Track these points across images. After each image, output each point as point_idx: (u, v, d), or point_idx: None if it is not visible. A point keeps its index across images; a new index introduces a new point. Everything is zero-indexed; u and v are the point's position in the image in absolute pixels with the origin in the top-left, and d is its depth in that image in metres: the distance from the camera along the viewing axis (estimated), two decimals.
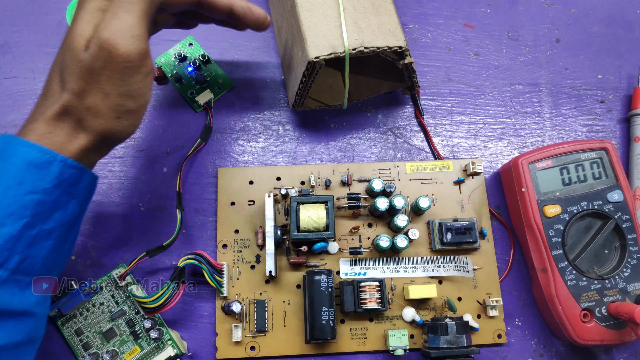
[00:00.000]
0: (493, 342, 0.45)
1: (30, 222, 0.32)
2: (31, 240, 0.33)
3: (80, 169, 0.34)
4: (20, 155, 0.32)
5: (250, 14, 0.41)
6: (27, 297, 0.33)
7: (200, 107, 0.50)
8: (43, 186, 0.32)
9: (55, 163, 0.33)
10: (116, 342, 0.44)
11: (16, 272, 0.32)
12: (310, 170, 0.48)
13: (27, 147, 0.32)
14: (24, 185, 0.32)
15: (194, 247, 0.47)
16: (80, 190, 0.35)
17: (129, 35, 0.32)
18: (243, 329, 0.44)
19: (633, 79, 0.54)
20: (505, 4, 0.56)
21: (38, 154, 0.32)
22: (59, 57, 0.35)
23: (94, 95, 0.33)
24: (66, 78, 0.33)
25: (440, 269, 0.46)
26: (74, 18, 0.34)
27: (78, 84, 0.33)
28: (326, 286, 0.43)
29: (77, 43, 0.32)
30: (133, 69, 0.33)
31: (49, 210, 0.33)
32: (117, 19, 0.32)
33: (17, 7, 0.53)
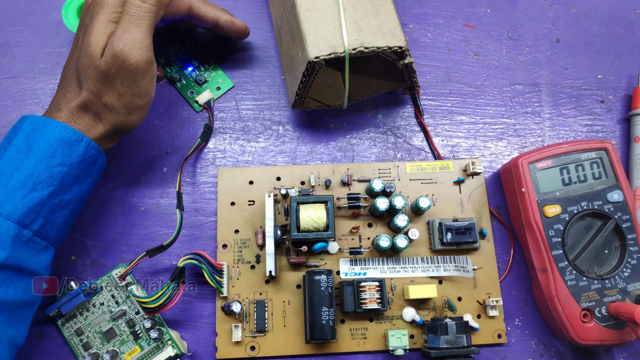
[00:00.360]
0: (493, 342, 0.45)
1: (56, 190, 0.38)
2: (53, 207, 0.38)
3: (99, 150, 0.41)
4: (53, 132, 0.38)
5: (233, 26, 0.49)
6: (42, 260, 0.38)
7: (201, 107, 0.50)
8: (70, 161, 0.39)
9: (82, 143, 0.39)
10: (116, 342, 0.44)
11: (38, 234, 0.38)
12: (310, 170, 0.48)
13: (60, 127, 0.38)
14: (55, 158, 0.38)
15: (194, 247, 0.47)
16: (96, 169, 0.41)
17: (139, 47, 0.38)
18: (243, 329, 0.44)
19: (633, 79, 0.54)
20: (505, 4, 0.56)
21: (69, 133, 0.38)
22: (73, 59, 0.41)
23: (110, 95, 0.39)
24: (84, 79, 0.39)
25: (440, 269, 0.46)
26: (89, 28, 0.39)
27: (96, 86, 0.39)
28: (326, 286, 0.43)
29: (94, 51, 0.38)
30: (142, 74, 0.39)
31: (71, 183, 0.39)
32: (129, 32, 0.38)
33: (17, 7, 0.53)
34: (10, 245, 0.36)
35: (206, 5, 0.46)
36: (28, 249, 0.37)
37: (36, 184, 0.37)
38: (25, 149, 0.38)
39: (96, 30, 0.39)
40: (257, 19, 0.54)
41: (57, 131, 0.38)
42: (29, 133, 0.38)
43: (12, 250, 0.36)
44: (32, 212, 0.37)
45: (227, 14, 0.48)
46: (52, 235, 0.39)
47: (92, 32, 0.39)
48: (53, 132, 0.38)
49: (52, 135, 0.38)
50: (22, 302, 0.37)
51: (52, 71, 0.51)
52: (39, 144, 0.38)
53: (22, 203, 0.36)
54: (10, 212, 0.36)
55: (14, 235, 0.36)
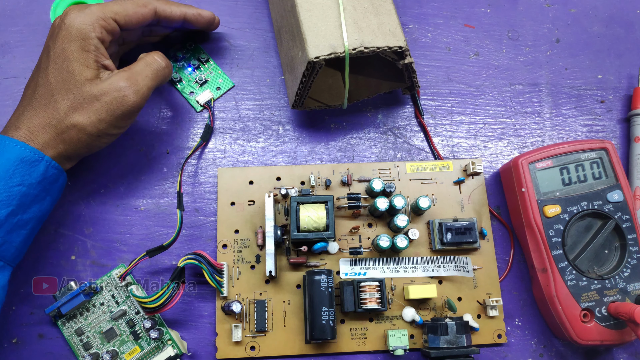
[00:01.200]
0: (493, 342, 0.45)
1: (14, 210, 0.38)
2: (11, 227, 0.38)
3: (60, 170, 0.41)
4: (12, 152, 0.38)
5: (201, 18, 0.49)
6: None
7: (201, 107, 0.50)
8: (29, 181, 0.38)
9: (43, 162, 0.39)
10: (116, 342, 0.44)
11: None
12: (310, 170, 0.48)
13: (19, 146, 0.38)
14: (14, 178, 0.37)
15: (194, 247, 0.47)
16: (56, 188, 0.41)
17: (142, 93, 0.41)
18: (243, 329, 0.44)
19: (633, 79, 0.54)
20: (505, 4, 0.56)
21: (29, 152, 0.38)
22: (36, 79, 0.41)
23: (86, 116, 0.40)
24: (57, 99, 0.40)
25: (440, 269, 0.46)
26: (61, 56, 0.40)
27: (73, 104, 0.40)
28: (326, 286, 0.43)
29: (79, 78, 0.40)
30: (131, 113, 0.42)
31: (30, 203, 0.39)
32: (143, 79, 0.42)
33: (17, 7, 0.53)
34: None
35: (170, 5, 0.47)
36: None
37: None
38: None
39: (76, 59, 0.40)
40: (257, 19, 0.54)
41: (16, 150, 0.38)
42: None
43: None
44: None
45: (192, 7, 0.48)
46: (10, 255, 0.38)
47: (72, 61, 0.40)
48: (12, 151, 0.38)
49: (11, 154, 0.38)
50: None
51: None
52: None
53: None
54: None
55: None
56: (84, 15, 0.41)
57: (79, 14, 0.41)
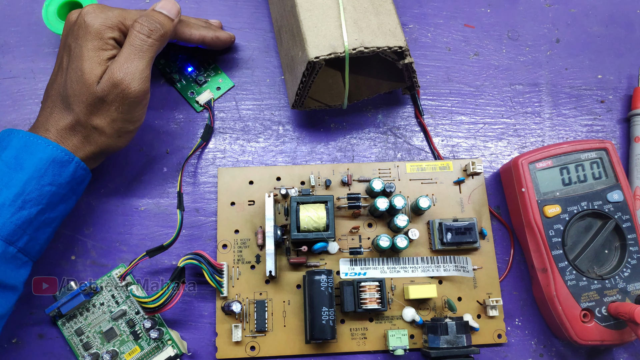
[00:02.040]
0: (493, 342, 0.45)
1: (43, 209, 0.39)
2: (39, 225, 0.39)
3: (87, 171, 0.42)
4: (45, 152, 0.39)
5: (219, 41, 0.49)
6: (21, 275, 0.39)
7: (201, 107, 0.50)
8: (59, 181, 0.39)
9: (72, 163, 0.40)
10: (116, 342, 0.44)
11: (22, 250, 0.38)
12: (310, 170, 0.48)
13: (52, 146, 0.39)
14: (45, 177, 0.38)
15: (194, 247, 0.47)
16: (81, 189, 0.42)
17: (139, 78, 0.40)
18: (243, 329, 0.44)
19: (633, 79, 0.54)
20: (505, 4, 0.56)
21: (61, 153, 0.39)
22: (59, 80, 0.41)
23: (102, 119, 0.40)
24: (74, 103, 0.40)
25: (440, 269, 0.46)
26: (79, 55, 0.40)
27: (88, 109, 0.40)
28: (326, 286, 0.43)
29: (89, 79, 0.39)
30: (138, 103, 0.41)
31: (58, 202, 0.40)
32: (131, 63, 0.40)
33: (17, 7, 0.53)
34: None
35: (190, 28, 0.47)
36: (10, 264, 0.37)
37: (25, 202, 0.37)
38: (15, 166, 0.38)
39: (88, 58, 0.40)
40: (257, 19, 0.54)
41: (48, 151, 0.39)
42: (19, 150, 0.38)
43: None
44: (19, 229, 0.37)
45: (210, 29, 0.49)
46: (35, 251, 0.39)
47: (85, 60, 0.40)
48: (44, 151, 0.39)
49: (44, 154, 0.39)
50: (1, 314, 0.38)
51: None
52: (30, 162, 0.38)
53: (10, 221, 0.37)
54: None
55: (1, 252, 0.36)
56: (105, 17, 0.41)
57: (100, 14, 0.41)
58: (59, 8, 0.47)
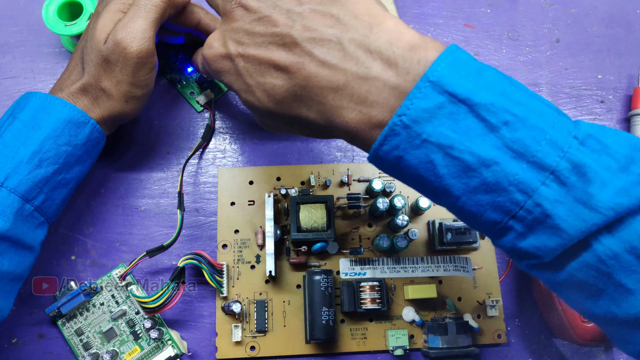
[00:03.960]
0: (493, 342, 0.45)
1: (59, 168, 0.39)
2: (55, 185, 0.39)
3: (102, 134, 0.42)
4: (62, 112, 0.39)
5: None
6: (37, 235, 0.39)
7: (201, 108, 0.50)
8: (75, 142, 0.40)
9: (89, 125, 0.40)
10: (116, 342, 0.44)
11: (38, 209, 0.38)
12: (310, 170, 0.48)
13: (68, 107, 0.39)
14: (62, 137, 0.39)
15: (194, 247, 0.47)
16: (96, 152, 0.43)
17: (141, 37, 0.39)
18: (243, 329, 0.44)
19: (633, 79, 0.54)
20: (505, 4, 0.56)
21: (77, 114, 0.40)
22: (81, 44, 0.42)
23: (108, 81, 0.40)
24: (86, 63, 0.41)
25: (440, 269, 0.46)
26: (99, 15, 0.41)
27: (96, 70, 0.40)
28: (326, 286, 0.43)
29: (99, 36, 0.40)
30: (141, 64, 0.40)
31: (74, 163, 0.40)
32: (133, 22, 0.39)
33: (17, 7, 0.53)
34: (13, 217, 0.36)
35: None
36: (27, 223, 0.38)
37: (42, 161, 0.38)
38: (32, 125, 0.38)
39: (104, 17, 0.40)
40: None
41: (65, 111, 0.39)
42: (37, 109, 0.39)
43: (13, 222, 0.36)
44: (36, 187, 0.38)
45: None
46: (51, 212, 0.40)
47: (100, 19, 0.40)
48: (62, 111, 0.39)
49: (61, 114, 0.39)
50: (13, 275, 0.38)
51: (52, 71, 0.51)
52: (47, 122, 0.39)
53: (27, 178, 0.37)
54: (15, 186, 0.37)
55: (17, 208, 0.37)
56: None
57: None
58: (59, 8, 0.47)
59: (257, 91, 0.32)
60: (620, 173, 0.25)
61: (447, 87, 0.26)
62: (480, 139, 0.26)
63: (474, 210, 0.27)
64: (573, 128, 0.26)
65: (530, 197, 0.25)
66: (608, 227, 0.25)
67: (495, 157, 0.26)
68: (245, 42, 0.32)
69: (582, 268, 0.26)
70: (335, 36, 0.29)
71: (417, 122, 0.26)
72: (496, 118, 0.26)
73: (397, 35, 0.29)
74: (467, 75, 0.26)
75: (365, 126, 0.29)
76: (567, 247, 0.26)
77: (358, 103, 0.29)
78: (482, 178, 0.26)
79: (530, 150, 0.25)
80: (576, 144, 0.25)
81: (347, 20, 0.29)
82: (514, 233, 0.27)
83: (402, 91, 0.27)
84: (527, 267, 0.29)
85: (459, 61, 0.27)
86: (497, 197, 0.26)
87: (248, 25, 0.32)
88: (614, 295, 0.26)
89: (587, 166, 0.25)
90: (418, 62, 0.27)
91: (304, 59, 0.30)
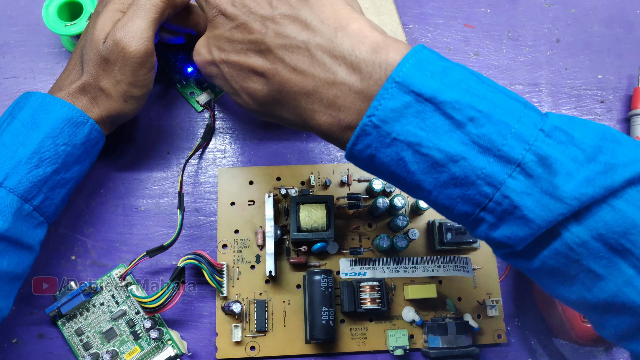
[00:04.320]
0: (493, 342, 0.45)
1: (58, 168, 0.39)
2: (54, 185, 0.39)
3: (101, 133, 0.42)
4: (60, 112, 0.39)
5: None
6: (36, 235, 0.39)
7: (201, 108, 0.50)
8: (74, 141, 0.40)
9: (87, 125, 0.40)
10: (116, 342, 0.44)
11: (37, 209, 0.38)
12: (310, 170, 0.48)
13: (67, 107, 0.39)
14: (61, 137, 0.39)
15: (194, 247, 0.47)
16: (95, 152, 0.43)
17: (140, 37, 0.39)
18: (243, 329, 0.44)
19: (633, 79, 0.54)
20: (505, 4, 0.56)
21: (76, 114, 0.40)
22: (80, 43, 0.42)
23: (107, 81, 0.40)
24: (85, 62, 0.41)
25: (440, 269, 0.46)
26: (98, 14, 0.41)
27: (95, 69, 0.40)
28: (326, 286, 0.43)
29: (98, 36, 0.40)
30: (140, 64, 0.40)
31: (73, 162, 0.40)
32: (132, 22, 0.39)
33: (17, 7, 0.53)
34: (12, 217, 0.36)
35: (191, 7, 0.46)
36: (26, 222, 0.38)
37: (41, 161, 0.38)
38: (31, 125, 0.38)
39: (104, 17, 0.40)
40: None
41: (64, 111, 0.39)
42: (36, 109, 0.39)
43: (12, 222, 0.36)
44: (35, 187, 0.38)
45: None
46: (50, 211, 0.40)
47: (100, 18, 0.40)
48: (60, 111, 0.39)
49: (60, 114, 0.39)
50: (13, 274, 0.38)
51: (52, 71, 0.51)
52: (46, 122, 0.39)
53: (26, 178, 0.37)
54: (14, 186, 0.37)
55: (16, 208, 0.37)
56: None
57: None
58: (59, 8, 0.47)
59: (242, 94, 0.35)
60: (586, 163, 0.26)
61: (413, 87, 0.27)
62: (447, 136, 0.27)
63: (446, 204, 0.28)
64: (539, 121, 0.27)
65: (498, 189, 0.26)
66: (576, 215, 0.26)
67: (462, 153, 0.27)
68: (226, 49, 0.34)
69: (553, 256, 0.27)
70: (303, 42, 0.31)
71: (385, 122, 0.28)
72: (462, 115, 0.27)
73: (360, 38, 0.30)
74: (432, 75, 0.27)
75: (336, 128, 0.30)
76: (537, 236, 0.27)
77: (328, 107, 0.30)
78: (450, 173, 0.27)
79: (496, 144, 0.26)
80: (542, 136, 0.26)
81: (315, 24, 0.31)
82: (486, 224, 0.28)
83: (367, 95, 0.29)
84: (503, 256, 0.30)
85: (424, 61, 0.28)
86: (467, 191, 0.27)
87: (228, 33, 0.34)
88: (585, 281, 0.27)
89: (552, 158, 0.26)
90: (380, 65, 0.29)
91: (277, 65, 0.31)
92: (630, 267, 0.26)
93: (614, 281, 0.26)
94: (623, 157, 0.26)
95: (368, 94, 0.29)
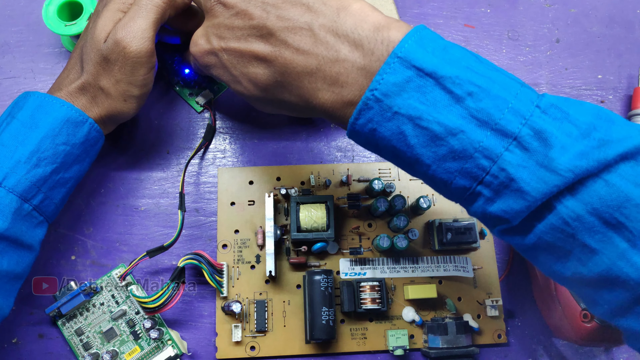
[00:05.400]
0: (493, 342, 0.45)
1: (57, 168, 0.39)
2: (54, 184, 0.39)
3: (101, 133, 0.42)
4: (59, 112, 0.39)
5: None
6: (36, 234, 0.39)
7: (201, 108, 0.50)
8: (73, 141, 0.40)
9: (87, 124, 0.40)
10: (116, 342, 0.44)
11: (36, 209, 0.38)
12: (310, 170, 0.48)
13: (66, 107, 0.39)
14: (60, 137, 0.39)
15: (194, 247, 0.47)
16: (94, 151, 0.43)
17: (141, 37, 0.39)
18: (243, 329, 0.44)
19: (633, 79, 0.54)
20: (505, 4, 0.56)
21: (75, 114, 0.40)
22: (80, 43, 0.42)
23: (107, 80, 0.40)
24: (85, 61, 0.41)
25: (440, 269, 0.46)
26: (99, 14, 0.41)
27: (95, 69, 0.40)
28: (326, 286, 0.43)
29: (98, 36, 0.40)
30: (141, 63, 0.40)
31: (72, 162, 0.40)
32: (134, 22, 0.39)
33: (17, 7, 0.53)
34: (11, 217, 0.36)
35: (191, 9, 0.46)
36: (26, 222, 0.38)
37: (40, 160, 0.38)
38: (30, 125, 0.38)
39: (105, 17, 0.40)
40: None
41: (63, 111, 0.39)
42: (35, 109, 0.39)
43: (12, 222, 0.36)
44: (34, 187, 0.38)
45: None
46: (49, 211, 0.40)
47: (101, 18, 0.40)
48: (59, 111, 0.39)
49: (59, 114, 0.39)
50: (13, 274, 0.38)
51: (52, 71, 0.51)
52: (45, 121, 0.39)
53: (25, 177, 0.37)
54: (13, 186, 0.37)
55: (16, 208, 0.37)
56: None
57: None
58: (59, 8, 0.47)
59: (243, 81, 0.35)
60: (581, 139, 0.26)
61: (414, 62, 0.28)
62: (446, 110, 0.28)
63: (444, 178, 0.29)
64: (536, 98, 0.28)
65: (495, 162, 0.27)
66: (570, 189, 0.26)
67: (461, 126, 0.27)
68: (226, 37, 0.35)
69: (549, 231, 0.28)
70: (306, 23, 0.31)
71: (387, 95, 0.28)
72: (461, 89, 0.28)
73: (362, 17, 0.31)
74: (433, 51, 0.28)
75: (339, 105, 0.31)
76: (533, 209, 0.27)
77: (331, 84, 0.31)
78: (449, 146, 0.28)
79: (493, 118, 0.27)
80: (538, 112, 0.27)
81: (317, 7, 0.32)
82: (483, 198, 0.29)
83: (369, 71, 0.30)
84: (499, 233, 0.30)
85: (426, 38, 0.29)
86: (465, 164, 0.28)
87: (227, 21, 0.35)
88: (580, 256, 0.28)
89: (548, 132, 0.27)
90: (381, 42, 0.29)
91: (280, 47, 0.32)
92: (624, 240, 0.26)
93: (608, 255, 0.27)
94: (616, 134, 0.27)
95: (370, 69, 0.29)
